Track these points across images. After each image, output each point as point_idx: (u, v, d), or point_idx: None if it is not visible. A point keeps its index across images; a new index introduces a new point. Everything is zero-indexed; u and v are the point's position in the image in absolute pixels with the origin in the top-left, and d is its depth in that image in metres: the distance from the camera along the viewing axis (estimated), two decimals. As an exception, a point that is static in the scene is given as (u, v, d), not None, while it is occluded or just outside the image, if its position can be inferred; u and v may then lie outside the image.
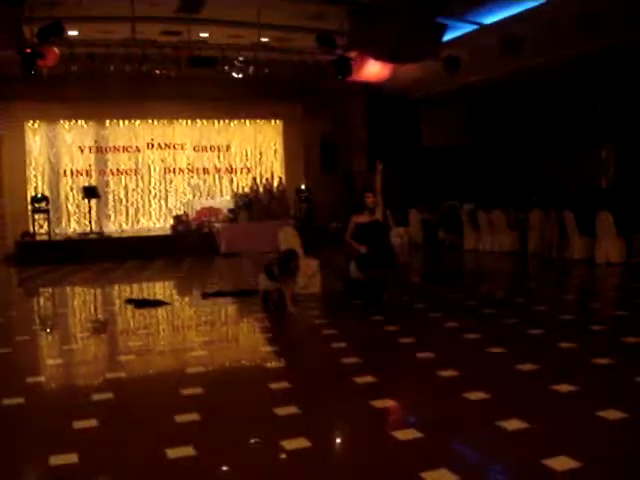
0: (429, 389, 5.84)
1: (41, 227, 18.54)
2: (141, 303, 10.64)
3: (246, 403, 5.61)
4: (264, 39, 16.20)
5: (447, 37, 13.93)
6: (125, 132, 20.94)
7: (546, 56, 14.79)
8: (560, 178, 18.55)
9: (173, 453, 4.44)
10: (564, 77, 17.02)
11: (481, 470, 4.13)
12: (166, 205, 21.24)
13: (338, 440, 4.91)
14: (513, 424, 4.71)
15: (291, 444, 4.54)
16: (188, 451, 4.47)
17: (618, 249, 13.27)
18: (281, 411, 5.21)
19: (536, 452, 4.20)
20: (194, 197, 21.25)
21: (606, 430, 4.66)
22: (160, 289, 13.36)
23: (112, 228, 20.27)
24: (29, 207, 18.96)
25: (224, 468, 4.32)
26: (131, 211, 20.93)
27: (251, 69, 16.32)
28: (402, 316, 8.97)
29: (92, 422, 5.11)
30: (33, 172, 20.13)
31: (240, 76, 16.55)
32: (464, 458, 4.35)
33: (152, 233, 19.66)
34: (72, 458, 4.41)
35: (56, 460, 4.39)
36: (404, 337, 7.70)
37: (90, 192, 19.14)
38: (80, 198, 19.86)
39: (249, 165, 22.11)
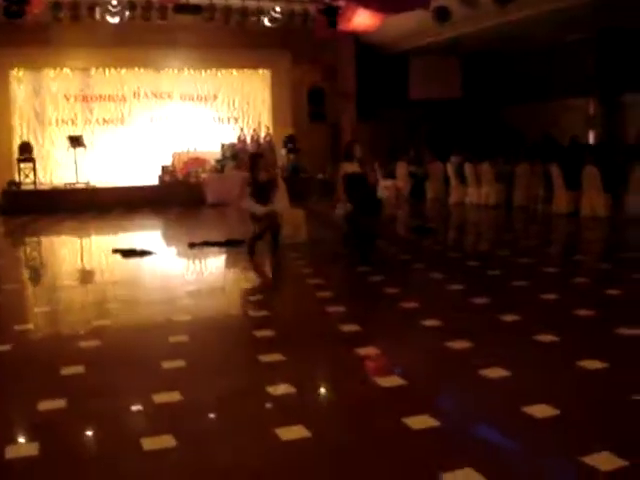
0: (413, 338, 5.92)
1: (27, 176, 18.41)
2: (127, 253, 10.64)
3: (231, 350, 5.68)
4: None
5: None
6: (111, 80, 20.65)
7: (536, 7, 14.68)
8: (547, 132, 18.55)
9: (159, 398, 4.50)
10: (554, 29, 16.92)
11: (461, 416, 4.22)
12: (153, 155, 21.06)
13: (322, 387, 4.99)
14: (495, 372, 4.79)
15: (276, 390, 4.61)
16: (174, 396, 4.54)
17: (604, 203, 13.32)
18: (265, 358, 5.28)
19: (516, 400, 4.29)
20: (181, 148, 21.09)
21: (585, 379, 4.75)
22: (147, 239, 13.36)
23: (98, 178, 20.13)
24: (15, 156, 18.81)
25: (210, 415, 4.39)
26: (117, 161, 20.76)
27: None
28: (387, 267, 9.04)
29: (79, 368, 5.16)
30: (18, 121, 19.89)
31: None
32: (446, 405, 4.43)
33: (139, 183, 19.56)
34: (60, 404, 4.48)
35: (45, 405, 4.45)
36: (389, 287, 7.76)
37: (76, 141, 18.97)
38: (66, 148, 19.69)
39: (236, 115, 21.93)
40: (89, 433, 4.18)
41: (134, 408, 4.48)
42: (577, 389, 4.61)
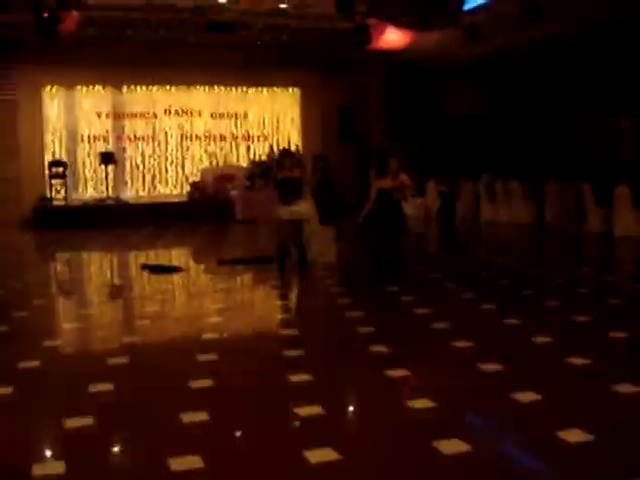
0: (444, 359, 5.84)
1: (58, 192, 18.62)
2: (156, 269, 10.67)
3: (260, 370, 5.63)
4: (283, 5, 16.05)
5: (468, 5, 13.75)
6: (142, 98, 20.86)
7: (565, 24, 14.57)
8: (579, 149, 18.35)
9: (187, 418, 4.46)
10: (584, 45, 16.78)
11: (492, 440, 4.13)
12: (183, 172, 21.22)
13: (351, 408, 4.92)
14: (527, 396, 4.70)
15: (304, 411, 4.55)
16: (202, 416, 4.50)
17: (636, 222, 13.12)
18: (295, 378, 5.23)
19: (549, 424, 4.20)
20: (211, 164, 21.20)
21: (620, 403, 4.65)
22: (176, 255, 13.40)
23: (129, 194, 20.28)
24: (46, 172, 19.02)
25: (237, 434, 4.34)
26: (148, 177, 20.93)
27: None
28: (418, 287, 8.95)
29: (108, 386, 5.14)
30: (51, 137, 20.12)
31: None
32: (477, 428, 4.35)
33: (169, 200, 19.68)
34: (87, 421, 4.45)
35: (72, 423, 4.42)
36: (420, 307, 7.68)
37: (107, 158, 19.16)
38: (97, 164, 19.88)
39: (266, 133, 22.01)
40: (116, 451, 4.16)
41: (162, 427, 4.44)
42: (611, 413, 4.50)
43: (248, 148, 21.71)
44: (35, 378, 5.53)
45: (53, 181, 18.68)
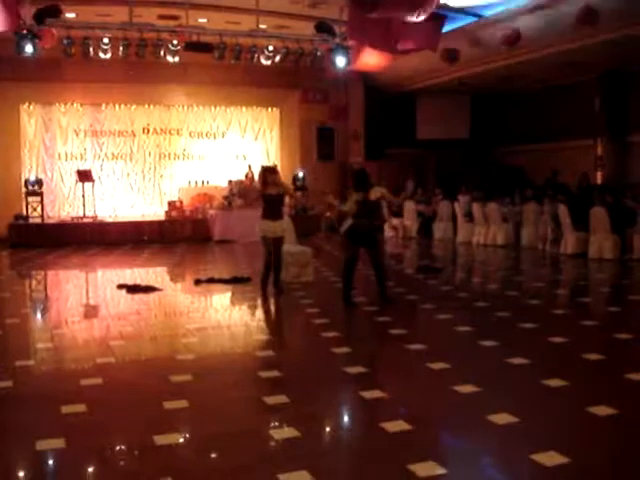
0: (419, 381, 5.83)
1: (34, 210, 18.45)
2: (133, 288, 10.60)
3: (236, 391, 5.59)
4: (262, 26, 16.11)
5: (446, 28, 13.86)
6: (121, 116, 20.78)
7: (544, 50, 14.76)
8: (555, 172, 18.54)
9: (160, 440, 4.41)
10: (562, 71, 17.02)
11: (468, 463, 4.12)
12: (161, 191, 21.13)
13: (327, 431, 4.90)
14: (502, 418, 4.70)
15: (280, 434, 4.53)
16: (175, 438, 4.46)
17: (612, 245, 13.24)
18: (270, 400, 5.20)
19: (524, 447, 4.19)
20: (189, 183, 21.13)
21: (595, 425, 4.66)
22: (152, 275, 13.33)
23: (106, 213, 20.15)
24: (23, 190, 18.86)
25: (212, 455, 4.30)
26: (125, 196, 20.82)
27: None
28: (394, 307, 8.95)
29: (80, 407, 5.08)
30: (27, 155, 19.98)
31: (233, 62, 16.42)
32: (453, 451, 4.34)
33: (146, 218, 19.58)
34: (59, 443, 4.40)
35: (42, 445, 4.36)
36: (395, 328, 7.68)
37: (84, 176, 19.03)
38: (74, 182, 19.75)
39: (245, 152, 22.00)
40: (88, 473, 4.10)
41: (134, 449, 4.39)
42: (587, 436, 4.51)
43: (226, 167, 21.66)
44: (7, 398, 5.45)
45: (29, 199, 18.51)
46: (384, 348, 7.14)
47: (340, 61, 15.72)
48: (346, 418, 4.99)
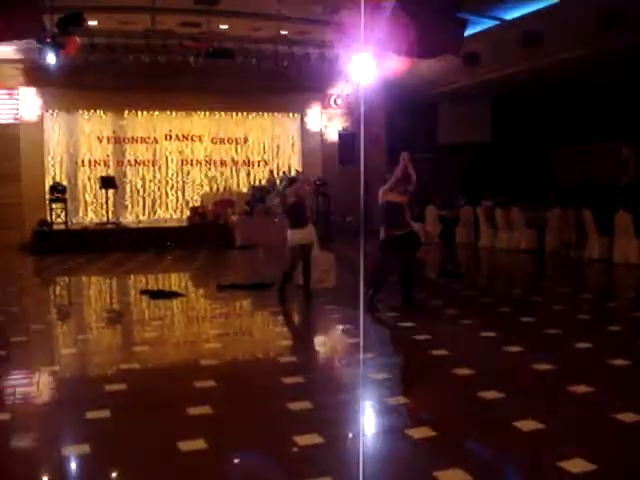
0: (443, 387, 5.80)
1: (58, 216, 18.59)
2: (156, 294, 10.64)
3: (259, 397, 5.59)
4: (283, 32, 16.16)
5: (468, 32, 13.82)
6: (143, 123, 20.91)
7: (566, 52, 14.67)
8: (580, 177, 18.40)
9: (185, 446, 4.42)
10: (584, 74, 16.89)
11: (494, 470, 4.09)
12: (183, 196, 21.25)
13: (351, 437, 4.88)
14: (528, 424, 4.66)
15: (303, 440, 4.51)
16: (200, 444, 4.46)
17: (637, 250, 13.10)
18: (293, 406, 5.19)
19: (550, 453, 4.15)
20: (211, 189, 21.23)
21: (621, 432, 4.60)
22: (175, 280, 13.36)
23: (129, 219, 20.29)
24: (47, 196, 19.01)
25: (235, 461, 4.30)
26: (148, 202, 20.95)
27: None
28: (418, 312, 8.91)
29: (105, 413, 5.10)
30: (51, 161, 20.15)
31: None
32: (478, 458, 4.30)
33: (168, 224, 19.67)
34: (84, 449, 4.41)
35: (68, 450, 4.38)
36: (420, 334, 7.65)
37: (107, 182, 19.17)
38: (97, 188, 19.90)
39: (266, 158, 22.05)
40: (113, 478, 4.11)
41: (158, 455, 4.39)
42: (613, 442, 4.46)
43: (248, 173, 21.74)
44: (32, 404, 5.48)
45: (53, 205, 18.66)
46: (408, 354, 7.10)
47: (360, 66, 15.72)
48: (371, 424, 4.97)
